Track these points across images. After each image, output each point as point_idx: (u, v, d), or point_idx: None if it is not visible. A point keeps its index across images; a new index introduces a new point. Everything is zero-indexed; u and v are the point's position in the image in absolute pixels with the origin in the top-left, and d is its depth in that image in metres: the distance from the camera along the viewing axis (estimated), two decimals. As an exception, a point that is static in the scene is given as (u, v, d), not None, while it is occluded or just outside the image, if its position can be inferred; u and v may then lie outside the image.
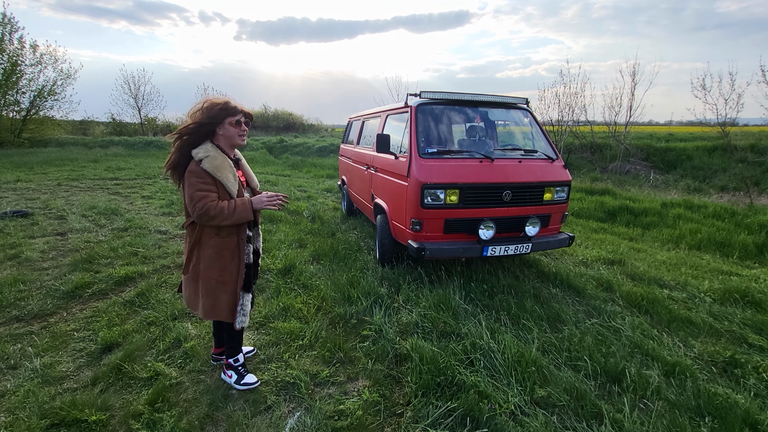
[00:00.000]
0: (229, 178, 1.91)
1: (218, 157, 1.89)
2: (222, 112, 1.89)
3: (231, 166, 1.95)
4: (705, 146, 10.59)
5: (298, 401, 2.08)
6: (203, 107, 1.90)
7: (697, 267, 3.99)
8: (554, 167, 3.59)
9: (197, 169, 1.84)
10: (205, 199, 1.83)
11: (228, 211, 1.86)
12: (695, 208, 5.93)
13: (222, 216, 1.85)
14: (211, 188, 1.86)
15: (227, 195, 1.92)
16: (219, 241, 1.97)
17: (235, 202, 1.89)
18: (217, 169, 1.86)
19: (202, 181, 1.84)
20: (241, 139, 1.98)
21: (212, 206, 1.83)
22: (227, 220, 1.87)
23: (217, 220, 1.87)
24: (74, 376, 2.26)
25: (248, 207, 1.91)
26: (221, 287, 2.00)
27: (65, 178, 10.01)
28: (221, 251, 1.97)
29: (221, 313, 2.02)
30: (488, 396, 2.03)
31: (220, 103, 1.90)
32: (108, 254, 4.17)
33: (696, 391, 2.08)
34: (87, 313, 3.00)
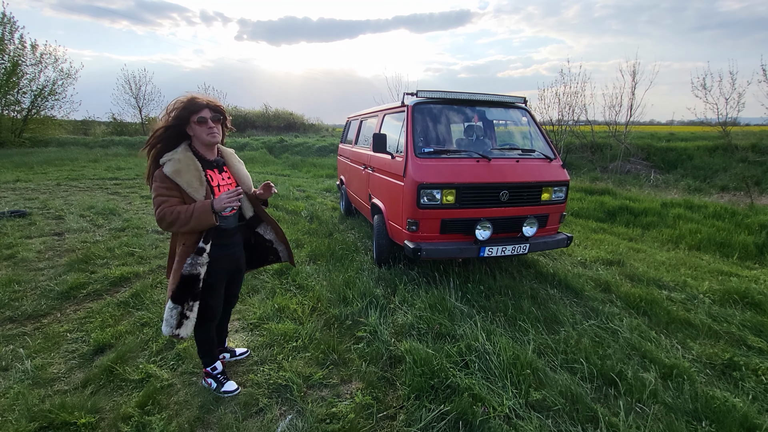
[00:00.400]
0: (191, 183, 1.76)
1: (182, 159, 1.76)
2: (185, 111, 1.76)
3: (197, 170, 1.79)
4: (706, 146, 10.54)
5: (291, 404, 2.06)
6: (170, 108, 1.79)
7: (696, 267, 3.95)
8: (552, 167, 3.56)
9: (158, 173, 1.75)
10: (163, 204, 1.72)
11: (185, 216, 1.70)
12: (695, 208, 5.89)
13: (180, 221, 1.70)
14: (173, 193, 1.74)
15: (192, 201, 1.77)
16: (183, 250, 1.84)
17: (194, 206, 1.73)
18: (176, 173, 1.74)
19: (163, 186, 1.74)
20: (211, 136, 1.82)
21: (168, 211, 1.70)
22: (186, 225, 1.72)
23: (176, 227, 1.73)
24: (65, 378, 2.24)
25: (209, 210, 1.72)
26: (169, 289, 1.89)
27: (65, 177, 10.01)
28: (183, 259, 1.83)
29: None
30: (482, 399, 2.00)
31: (184, 100, 1.78)
32: (104, 254, 4.16)
33: (693, 394, 2.05)
34: (81, 313, 2.98)
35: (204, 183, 1.81)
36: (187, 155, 1.79)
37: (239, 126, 27.28)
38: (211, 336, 2.10)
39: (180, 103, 1.77)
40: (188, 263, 1.82)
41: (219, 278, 1.98)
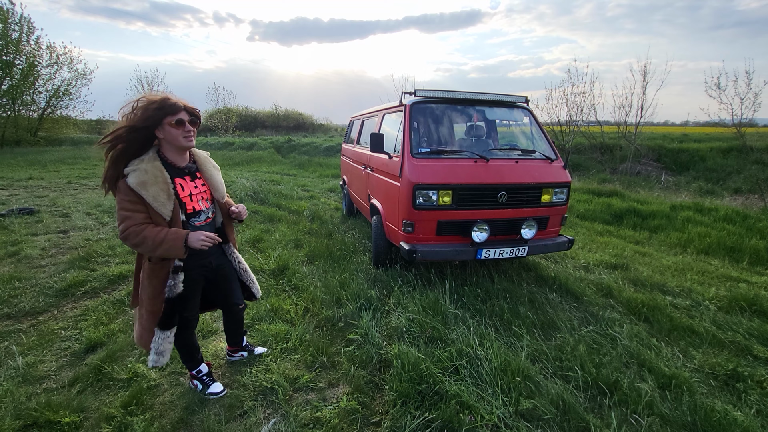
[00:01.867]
0: (158, 197, 1.60)
1: (148, 170, 1.60)
2: (159, 112, 1.60)
3: (164, 182, 1.63)
4: (719, 147, 10.25)
5: (275, 407, 2.03)
6: (136, 107, 1.62)
7: (703, 273, 3.82)
8: (553, 168, 3.48)
9: (122, 184, 1.59)
10: (127, 221, 1.57)
11: (153, 242, 1.57)
12: (705, 211, 5.72)
13: (145, 245, 1.58)
14: (138, 208, 1.59)
15: (158, 216, 1.63)
16: (150, 267, 1.72)
17: (167, 234, 1.59)
18: (141, 186, 1.56)
19: (127, 199, 1.58)
20: (186, 140, 1.68)
21: (133, 232, 1.57)
22: (152, 251, 1.59)
23: (142, 249, 1.60)
24: (55, 376, 2.25)
25: (180, 245, 1.59)
26: (150, 317, 1.77)
27: (76, 176, 10.19)
28: (151, 278, 1.73)
29: (147, 344, 1.81)
30: (471, 407, 1.94)
31: (156, 100, 1.61)
32: (106, 252, 4.20)
33: (692, 406, 1.96)
34: (77, 311, 3.00)
35: (172, 197, 1.66)
36: (154, 165, 1.63)
37: (249, 126, 27.53)
38: (192, 342, 2.06)
39: (151, 103, 1.61)
40: (169, 285, 1.74)
41: (193, 289, 1.89)
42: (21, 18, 17.09)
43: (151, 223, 1.63)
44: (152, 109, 1.60)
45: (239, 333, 2.37)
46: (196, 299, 1.96)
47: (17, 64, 17.37)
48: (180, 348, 2.03)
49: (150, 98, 1.64)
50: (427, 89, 3.52)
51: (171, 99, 1.65)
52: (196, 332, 2.11)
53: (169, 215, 1.65)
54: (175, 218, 1.68)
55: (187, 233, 1.64)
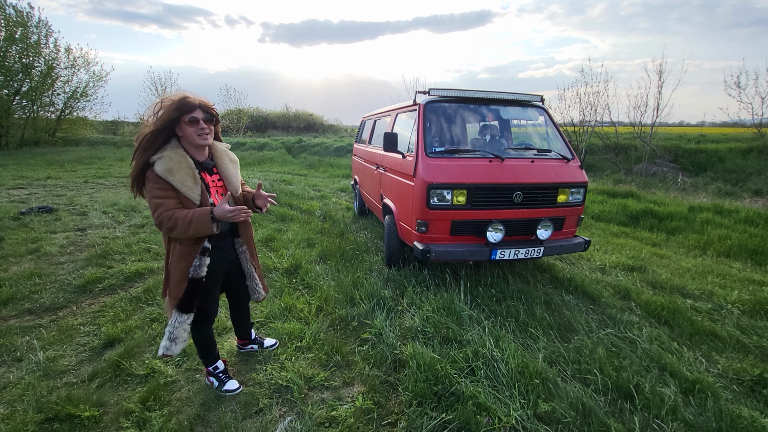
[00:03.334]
0: (185, 182, 1.67)
1: (173, 157, 1.67)
2: (176, 112, 1.67)
3: (190, 168, 1.71)
4: (739, 148, 9.99)
5: (291, 405, 2.03)
6: (159, 108, 1.70)
7: (725, 276, 3.73)
8: (569, 168, 3.42)
9: (150, 173, 1.66)
10: (160, 207, 1.64)
11: (183, 223, 1.63)
12: (725, 213, 5.58)
13: (178, 228, 1.64)
14: (168, 194, 1.66)
15: (189, 202, 1.70)
16: (180, 250, 1.77)
17: (193, 213, 1.64)
18: (169, 172, 1.64)
19: (157, 187, 1.65)
20: (201, 138, 1.73)
21: (166, 216, 1.63)
22: (185, 233, 1.65)
23: (176, 233, 1.66)
24: (75, 371, 2.28)
25: (207, 219, 1.64)
26: (173, 303, 1.82)
27: (92, 175, 10.39)
28: (179, 261, 1.77)
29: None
30: (488, 408, 1.92)
31: (175, 100, 1.68)
32: (122, 250, 4.26)
33: (717, 412, 1.91)
34: (95, 307, 3.05)
35: (198, 181, 1.73)
36: (177, 152, 1.70)
37: (260, 127, 27.75)
38: (210, 336, 2.09)
39: (170, 103, 1.68)
40: (195, 265, 1.78)
41: (214, 281, 1.95)
42: (39, 21, 17.51)
43: (181, 207, 1.69)
44: (171, 109, 1.67)
45: (246, 325, 2.43)
46: (216, 292, 2.01)
47: (36, 67, 17.79)
48: (198, 342, 2.06)
49: (169, 98, 1.71)
50: (441, 88, 3.50)
51: (188, 98, 1.70)
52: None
53: (198, 199, 1.71)
54: (203, 202, 1.74)
55: (212, 208, 1.68)
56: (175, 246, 1.79)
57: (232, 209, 1.67)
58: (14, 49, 16.78)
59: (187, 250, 1.77)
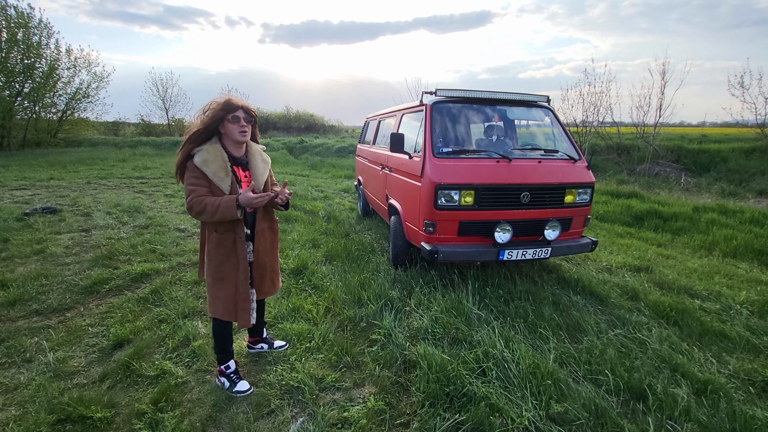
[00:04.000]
0: (217, 173, 1.87)
1: (210, 151, 1.88)
2: (221, 112, 1.88)
3: (224, 161, 1.90)
4: (741, 148, 9.98)
5: (302, 406, 2.03)
6: (208, 109, 1.90)
7: (732, 276, 3.72)
8: (576, 168, 3.42)
9: (189, 163, 1.87)
10: (192, 194, 1.84)
11: (211, 208, 1.81)
12: (730, 213, 5.57)
13: (206, 212, 1.82)
14: (201, 183, 1.86)
15: (220, 192, 1.89)
16: (217, 237, 1.96)
17: (221, 199, 1.84)
18: (204, 163, 1.85)
19: (193, 176, 1.86)
20: (241, 135, 1.93)
21: (196, 201, 1.82)
22: (212, 216, 1.83)
23: (204, 217, 1.85)
24: (85, 372, 2.28)
25: (233, 205, 1.82)
26: (218, 284, 1.99)
27: (95, 176, 10.39)
28: (219, 247, 1.96)
29: (216, 310, 2.02)
30: (500, 409, 1.91)
31: (220, 102, 1.89)
32: (127, 251, 4.26)
33: (731, 413, 1.90)
34: (102, 308, 3.04)
35: (230, 174, 1.90)
36: (215, 147, 1.89)
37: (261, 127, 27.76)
38: (229, 331, 2.15)
39: (217, 104, 1.89)
40: (249, 251, 2.02)
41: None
42: (40, 22, 17.52)
43: (212, 195, 1.87)
44: (218, 109, 1.88)
45: (259, 321, 2.46)
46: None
47: (38, 68, 17.79)
48: (218, 336, 2.12)
49: (216, 100, 1.92)
50: (447, 89, 3.50)
51: (233, 100, 1.91)
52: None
53: (228, 189, 1.89)
54: (233, 192, 1.90)
55: (238, 196, 1.85)
56: (211, 234, 1.97)
57: (256, 195, 1.85)
58: (16, 51, 16.79)
59: (223, 237, 1.96)
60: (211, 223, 1.95)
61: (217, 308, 2.01)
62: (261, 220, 2.11)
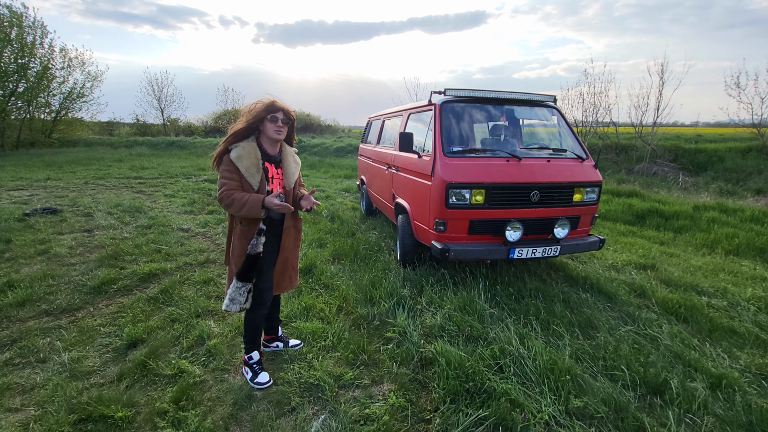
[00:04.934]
0: (249, 169, 1.96)
1: (245, 147, 1.97)
2: (264, 112, 1.99)
3: (257, 158, 1.99)
4: (738, 147, 10.12)
5: (323, 404, 2.03)
6: (253, 109, 2.01)
7: (736, 273, 3.77)
8: (584, 167, 3.46)
9: (225, 158, 1.97)
10: (224, 186, 1.93)
11: (238, 203, 1.90)
12: (730, 212, 5.65)
13: (234, 206, 1.91)
14: (233, 176, 1.95)
15: (249, 187, 1.97)
16: (241, 229, 2.04)
17: (249, 197, 1.91)
18: (238, 159, 1.94)
19: (227, 169, 1.95)
20: (276, 133, 2.03)
21: (227, 194, 1.92)
22: (239, 211, 1.92)
23: (232, 210, 1.94)
24: (101, 372, 2.27)
25: (258, 204, 1.90)
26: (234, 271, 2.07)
27: (92, 176, 10.30)
28: (241, 238, 2.03)
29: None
30: (520, 405, 1.93)
31: (265, 103, 2.01)
32: (132, 251, 4.23)
33: (746, 407, 1.94)
34: (112, 308, 3.03)
35: (260, 171, 1.99)
36: (251, 145, 1.99)
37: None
38: (259, 324, 2.21)
39: (261, 104, 2.00)
40: (252, 244, 2.03)
41: (268, 264, 2.14)
42: (34, 21, 17.34)
43: (241, 189, 1.96)
44: (261, 110, 1.99)
45: (275, 318, 2.50)
46: (269, 273, 2.16)
47: (32, 67, 17.61)
48: (248, 326, 2.18)
49: (261, 101, 2.02)
50: (456, 88, 3.52)
51: (276, 102, 2.03)
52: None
53: (257, 185, 1.97)
54: (261, 189, 1.99)
55: (264, 197, 1.94)
56: (237, 225, 2.06)
57: (278, 204, 1.92)
58: (9, 50, 16.60)
59: (246, 229, 2.03)
60: (235, 216, 2.04)
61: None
62: (288, 218, 2.17)
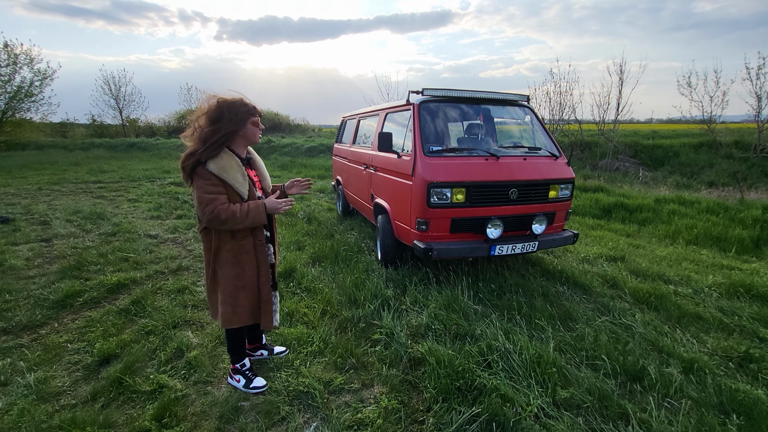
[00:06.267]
0: (237, 179, 1.83)
1: (224, 157, 1.82)
2: (248, 114, 1.86)
3: (239, 166, 1.87)
4: (691, 143, 10.82)
5: (314, 411, 1.99)
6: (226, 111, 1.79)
7: (697, 262, 4.02)
8: (558, 164, 3.57)
9: (203, 171, 1.77)
10: (214, 202, 1.76)
11: (240, 215, 1.79)
12: (688, 204, 6.02)
13: (234, 220, 1.78)
14: (220, 190, 1.79)
15: (237, 197, 1.84)
16: (236, 245, 1.91)
17: (248, 206, 1.82)
18: (222, 170, 1.79)
19: (209, 183, 1.77)
20: (258, 136, 1.95)
21: (222, 210, 1.76)
22: (240, 224, 1.81)
23: (229, 225, 1.80)
24: (71, 392, 2.12)
25: (262, 210, 1.84)
26: (240, 292, 1.95)
27: (46, 182, 9.65)
28: (238, 255, 1.91)
29: (242, 318, 1.98)
30: (510, 399, 1.97)
31: (248, 104, 1.87)
32: (97, 260, 4.00)
33: (717, 388, 2.06)
34: (80, 323, 2.84)
35: (246, 178, 1.88)
36: (227, 152, 1.84)
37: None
38: (242, 333, 2.14)
39: (244, 106, 1.86)
40: (269, 254, 2.02)
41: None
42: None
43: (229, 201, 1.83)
44: (243, 111, 1.84)
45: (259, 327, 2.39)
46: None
47: (-28, 64, 16.29)
48: (230, 337, 2.10)
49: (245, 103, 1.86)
50: (434, 88, 3.54)
51: (249, 102, 1.89)
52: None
53: (246, 194, 1.87)
54: (251, 197, 1.91)
55: (264, 202, 1.88)
56: (227, 242, 1.89)
57: (282, 201, 1.89)
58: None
59: (245, 242, 1.92)
60: (225, 231, 1.87)
61: (241, 317, 1.97)
62: (274, 220, 2.13)
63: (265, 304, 2.00)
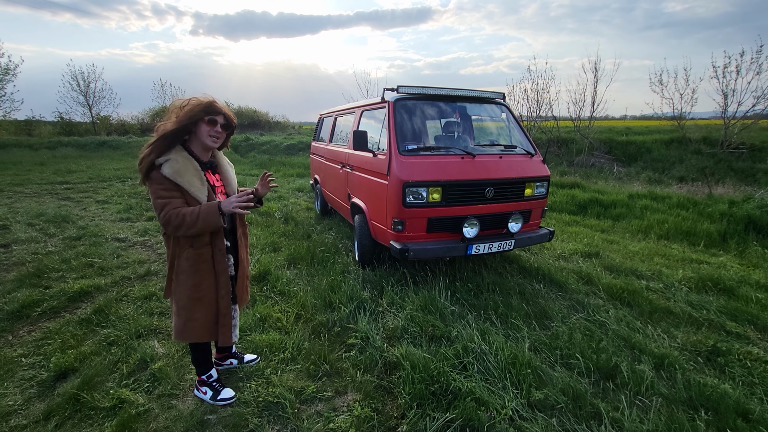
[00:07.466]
0: (192, 183, 1.72)
1: (179, 160, 1.71)
2: (202, 112, 1.74)
3: (196, 170, 1.76)
4: (662, 139, 11.15)
5: (284, 422, 1.92)
6: (187, 107, 1.73)
7: (668, 256, 4.11)
8: (533, 162, 3.57)
9: (156, 174, 1.68)
10: (166, 206, 1.67)
11: (191, 218, 1.67)
12: (660, 199, 6.18)
13: (186, 224, 1.67)
14: (173, 194, 1.70)
15: (196, 203, 1.74)
16: (194, 253, 1.79)
17: (200, 207, 1.70)
18: (177, 174, 1.69)
19: (162, 188, 1.68)
20: (212, 140, 1.79)
21: (173, 214, 1.66)
22: (193, 228, 1.69)
23: (183, 230, 1.69)
24: (23, 411, 1.98)
25: (215, 211, 1.70)
26: (196, 304, 1.83)
27: (8, 183, 9.16)
28: (196, 264, 1.80)
29: (196, 333, 1.85)
30: (485, 402, 1.94)
31: (203, 102, 1.75)
32: (59, 267, 3.79)
33: (686, 383, 2.09)
34: (36, 335, 2.67)
35: (205, 182, 1.78)
36: (183, 155, 1.74)
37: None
38: (207, 344, 2.03)
39: (198, 103, 1.74)
40: (230, 265, 1.91)
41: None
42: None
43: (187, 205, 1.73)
44: (197, 109, 1.73)
45: None
46: None
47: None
48: (195, 348, 2.00)
49: (199, 99, 1.76)
50: (409, 86, 3.49)
51: (216, 103, 1.80)
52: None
53: (205, 200, 1.76)
54: (210, 201, 1.79)
55: (219, 202, 1.74)
56: (185, 250, 1.79)
57: (237, 196, 1.72)
58: None
59: (204, 251, 1.81)
60: (184, 238, 1.77)
61: (195, 331, 1.84)
62: (238, 225, 2.01)
63: (224, 318, 1.89)
